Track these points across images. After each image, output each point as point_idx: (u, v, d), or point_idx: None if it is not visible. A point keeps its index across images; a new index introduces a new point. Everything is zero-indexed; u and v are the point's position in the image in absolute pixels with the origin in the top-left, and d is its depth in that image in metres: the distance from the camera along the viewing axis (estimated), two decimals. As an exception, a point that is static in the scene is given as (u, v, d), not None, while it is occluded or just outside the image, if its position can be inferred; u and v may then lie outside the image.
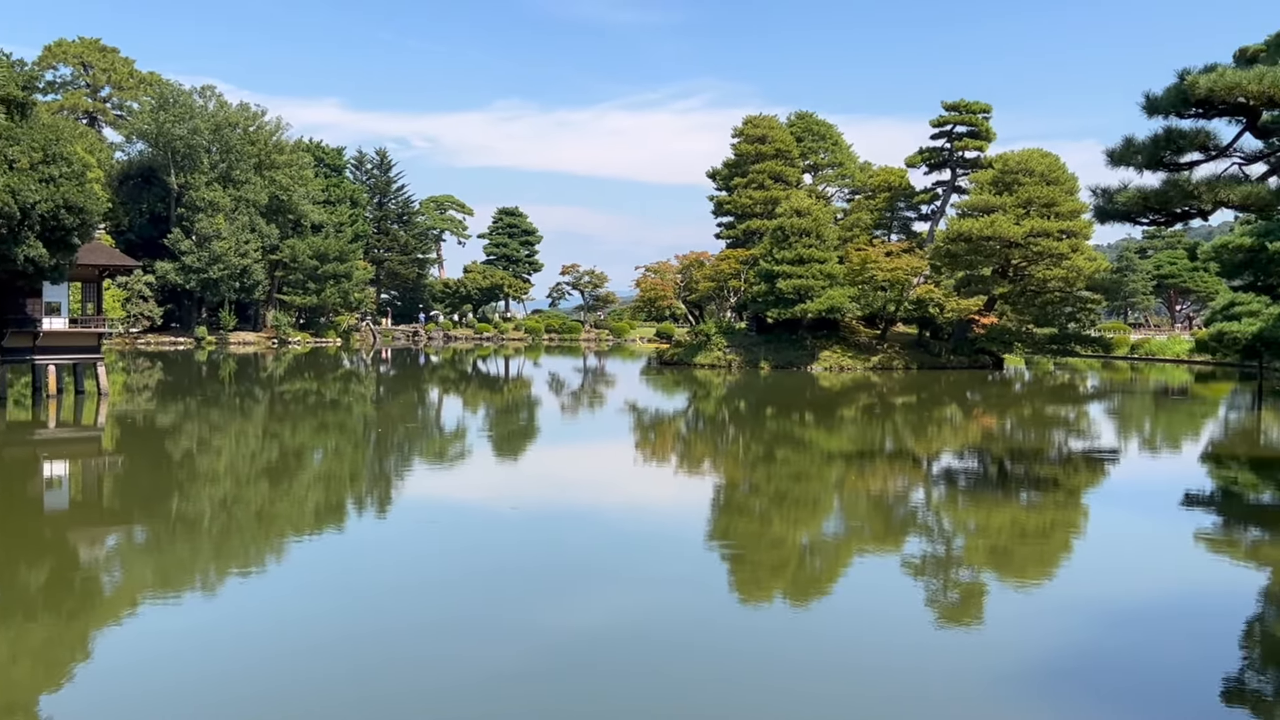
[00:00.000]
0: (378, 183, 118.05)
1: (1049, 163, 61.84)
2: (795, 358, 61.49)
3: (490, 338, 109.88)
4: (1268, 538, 17.27)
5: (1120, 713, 9.15)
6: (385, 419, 35.40)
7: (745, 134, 72.70)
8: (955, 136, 69.12)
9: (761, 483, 22.45)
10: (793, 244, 61.06)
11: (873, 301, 63.18)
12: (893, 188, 71.81)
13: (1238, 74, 18.09)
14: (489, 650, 10.61)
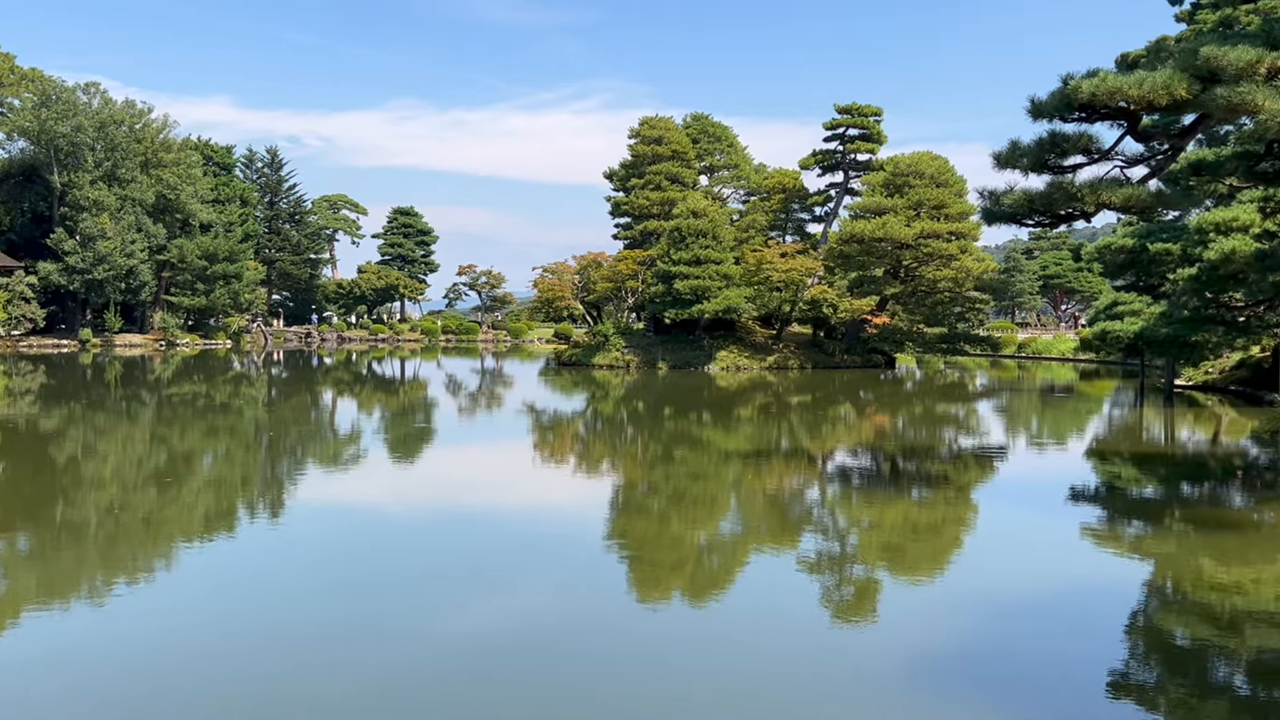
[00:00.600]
0: (269, 182, 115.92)
1: (938, 165, 63.08)
2: (693, 358, 61.83)
3: (385, 339, 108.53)
4: (1149, 531, 17.80)
5: (1009, 702, 9.34)
6: (277, 422, 34.78)
7: (642, 135, 72.88)
8: (847, 139, 70.11)
9: (660, 482, 22.52)
10: (689, 245, 61.38)
11: (768, 302, 63.80)
12: (787, 189, 72.59)
13: (1119, 79, 18.59)
14: (383, 658, 10.47)
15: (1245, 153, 22.69)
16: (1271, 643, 11.39)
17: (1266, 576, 14.15)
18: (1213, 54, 17.63)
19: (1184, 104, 18.70)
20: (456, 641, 11.06)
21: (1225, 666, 10.74)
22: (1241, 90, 17.19)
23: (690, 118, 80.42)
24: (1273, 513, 18.82)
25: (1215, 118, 19.87)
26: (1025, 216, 21.32)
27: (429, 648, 10.82)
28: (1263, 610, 12.55)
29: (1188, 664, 10.86)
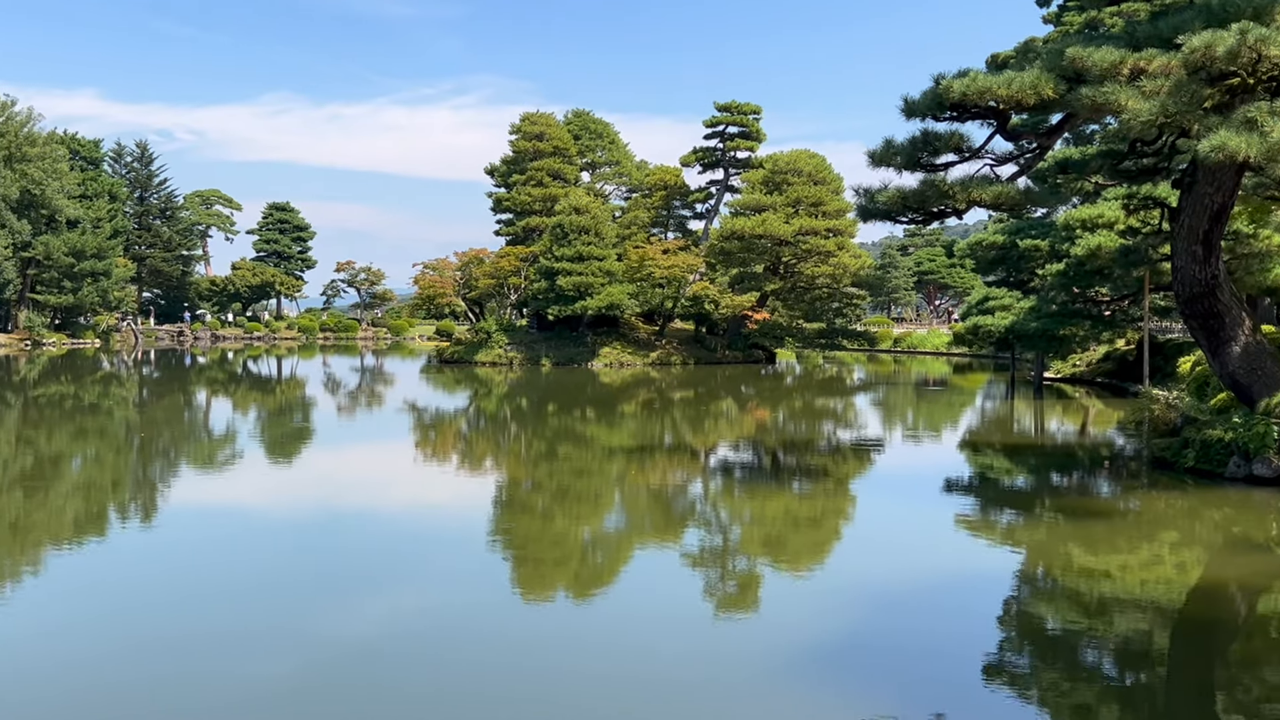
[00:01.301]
0: (139, 177, 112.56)
1: (816, 163, 63.97)
2: (576, 354, 61.76)
3: (262, 337, 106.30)
4: (1021, 520, 18.27)
5: (888, 692, 9.50)
6: (149, 423, 33.82)
7: (523, 131, 72.56)
8: (727, 137, 70.68)
9: (544, 479, 22.43)
10: (572, 241, 61.30)
11: (651, 299, 64.04)
12: (669, 186, 72.92)
13: (989, 79, 19.03)
14: (262, 664, 10.24)
15: (1110, 151, 23.40)
16: (1137, 626, 11.78)
17: (1132, 563, 14.62)
18: (1078, 55, 18.15)
19: (1051, 103, 19.22)
20: (337, 646, 10.84)
21: (1094, 651, 11.06)
22: (1105, 90, 17.72)
23: (571, 114, 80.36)
24: (1137, 500, 19.47)
25: (1081, 117, 20.49)
26: (899, 213, 21.71)
27: (308, 652, 10.59)
28: (1128, 595, 12.97)
29: (1058, 649, 11.16)
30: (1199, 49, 16.98)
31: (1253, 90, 18.05)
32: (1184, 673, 10.55)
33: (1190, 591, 13.50)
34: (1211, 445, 20.41)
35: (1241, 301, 22.07)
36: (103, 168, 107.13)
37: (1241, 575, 14.02)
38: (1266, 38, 16.53)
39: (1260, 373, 20.79)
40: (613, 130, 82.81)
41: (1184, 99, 17.36)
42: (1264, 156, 16.55)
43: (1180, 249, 20.82)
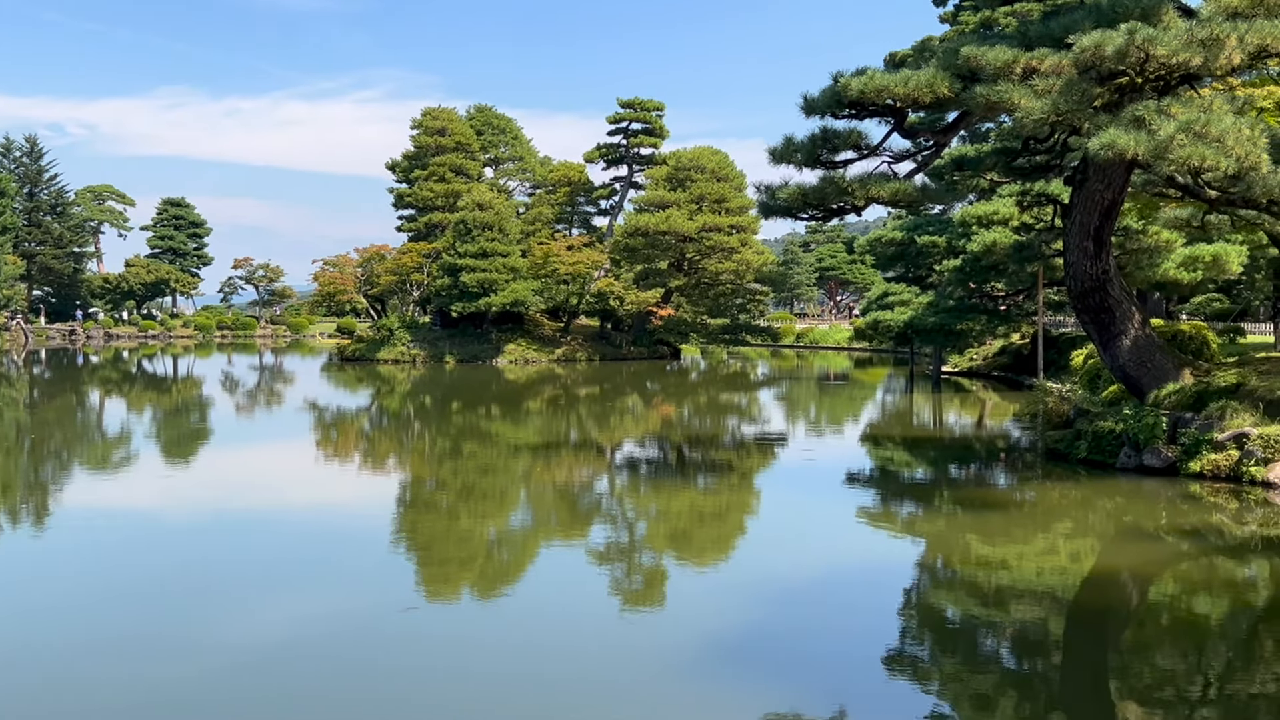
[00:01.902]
0: (28, 172, 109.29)
1: (719, 160, 64.36)
2: (481, 351, 61.33)
3: (157, 336, 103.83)
4: (921, 512, 18.53)
5: (793, 684, 9.54)
6: (39, 424, 32.83)
7: (425, 126, 71.81)
8: (631, 133, 70.72)
9: (449, 478, 22.22)
10: (475, 237, 60.83)
11: (556, 295, 63.81)
12: (573, 183, 72.76)
13: (886, 77, 19.26)
14: (159, 671, 9.96)
15: (1004, 149, 23.84)
16: (1033, 614, 11.99)
17: (1028, 552, 14.90)
18: (973, 54, 18.44)
19: (947, 102, 19.51)
20: (235, 652, 10.59)
21: (992, 639, 11.25)
22: (999, 89, 18.04)
23: (474, 109, 79.71)
24: (1032, 491, 19.85)
25: (976, 115, 20.83)
26: (800, 210, 21.89)
27: (206, 658, 10.32)
28: (1025, 584, 13.20)
29: (958, 638, 11.32)
30: (1089, 48, 17.36)
31: (1141, 89, 18.51)
32: (1078, 659, 10.75)
33: (1084, 580, 13.79)
34: (1103, 437, 20.88)
35: (1131, 296, 22.64)
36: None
37: (1133, 563, 14.36)
38: (1154, 38, 16.95)
39: (1150, 365, 21.34)
40: (516, 126, 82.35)
41: (1075, 97, 17.73)
42: (1152, 154, 16.97)
43: (1072, 245, 21.27)
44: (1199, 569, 13.99)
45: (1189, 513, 17.10)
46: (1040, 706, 9.31)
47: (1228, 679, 9.84)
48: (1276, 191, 17.48)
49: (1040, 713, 9.18)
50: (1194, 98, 19.06)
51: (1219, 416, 19.44)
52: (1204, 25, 17.33)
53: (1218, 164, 16.69)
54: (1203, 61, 17.15)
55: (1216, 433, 19.06)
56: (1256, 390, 19.71)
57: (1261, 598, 12.96)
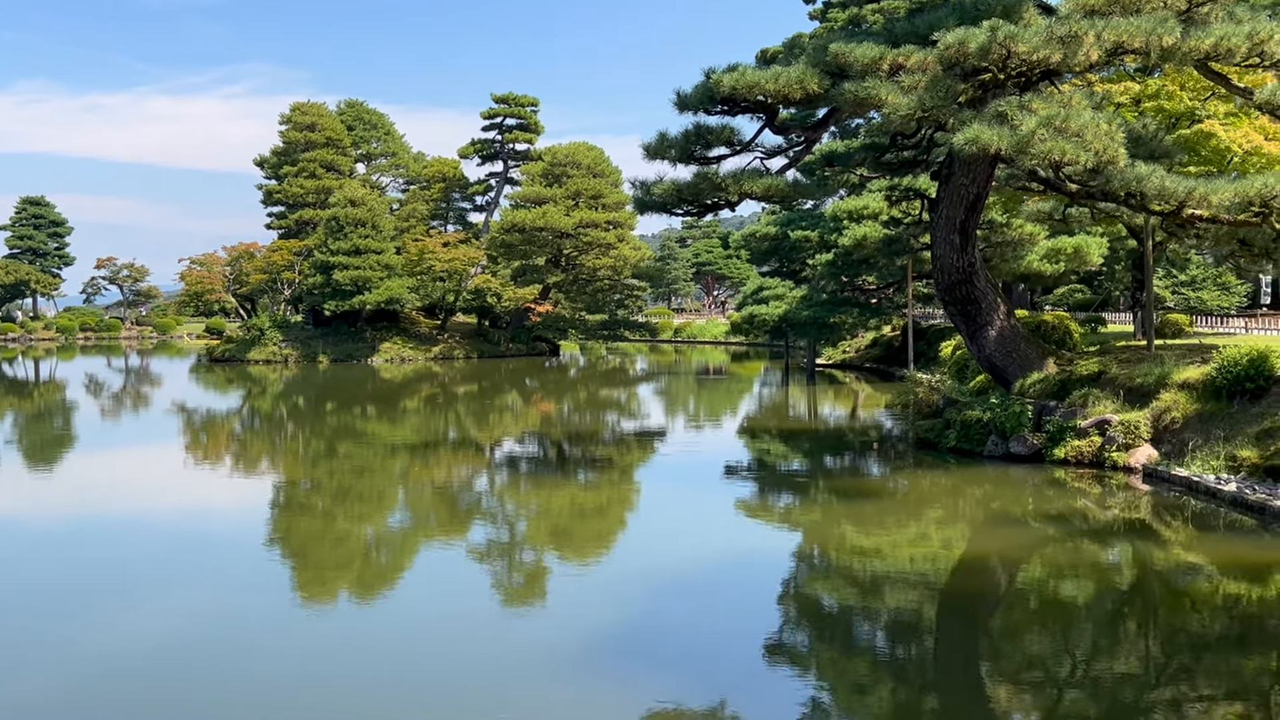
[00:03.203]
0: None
1: (594, 156, 64.39)
2: (355, 350, 60.39)
3: (16, 339, 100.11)
4: (797, 503, 18.76)
5: (675, 677, 9.55)
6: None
7: (294, 121, 70.42)
8: (506, 129, 70.33)
9: (323, 479, 21.79)
10: (348, 234, 59.84)
11: (432, 292, 63.13)
12: (447, 178, 72.09)
13: (757, 73, 19.43)
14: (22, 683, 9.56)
15: (872, 145, 24.26)
16: (907, 600, 12.20)
17: (901, 539, 15.17)
18: (841, 50, 18.71)
19: (816, 98, 19.78)
20: (104, 659, 10.22)
21: (867, 626, 11.42)
22: (867, 85, 18.34)
23: (345, 104, 78.40)
24: (904, 480, 20.23)
25: (845, 111, 21.15)
26: (675, 206, 21.97)
27: (75, 666, 9.94)
28: (898, 571, 13.43)
29: (835, 626, 11.48)
30: (953, 45, 17.75)
31: (1004, 85, 18.99)
32: (951, 643, 10.98)
33: (954, 566, 14.09)
34: (971, 426, 21.37)
35: (997, 288, 23.22)
36: None
37: (1001, 548, 14.72)
38: (1015, 35, 17.39)
39: (1015, 355, 21.91)
40: (388, 121, 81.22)
41: (940, 94, 18.11)
42: (1014, 149, 17.41)
43: (939, 238, 21.73)
44: (1064, 552, 14.40)
45: (1054, 498, 17.59)
46: (914, 690, 9.48)
47: (1093, 657, 10.13)
48: (1134, 184, 18.08)
49: (914, 696, 9.34)
50: (1054, 94, 19.63)
51: (1082, 404, 20.05)
52: (1063, 23, 17.84)
53: (1077, 158, 17.19)
54: (1062, 58, 17.64)
55: (1080, 420, 19.65)
56: (1117, 378, 20.38)
57: (1124, 578, 13.41)
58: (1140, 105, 27.65)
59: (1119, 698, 9.07)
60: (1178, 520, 15.86)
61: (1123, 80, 28.66)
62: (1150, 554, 14.23)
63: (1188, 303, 45.39)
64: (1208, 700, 8.84)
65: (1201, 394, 18.60)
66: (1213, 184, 18.30)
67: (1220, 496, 16.05)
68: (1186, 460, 17.65)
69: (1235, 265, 42.44)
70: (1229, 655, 10.08)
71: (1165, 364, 20.05)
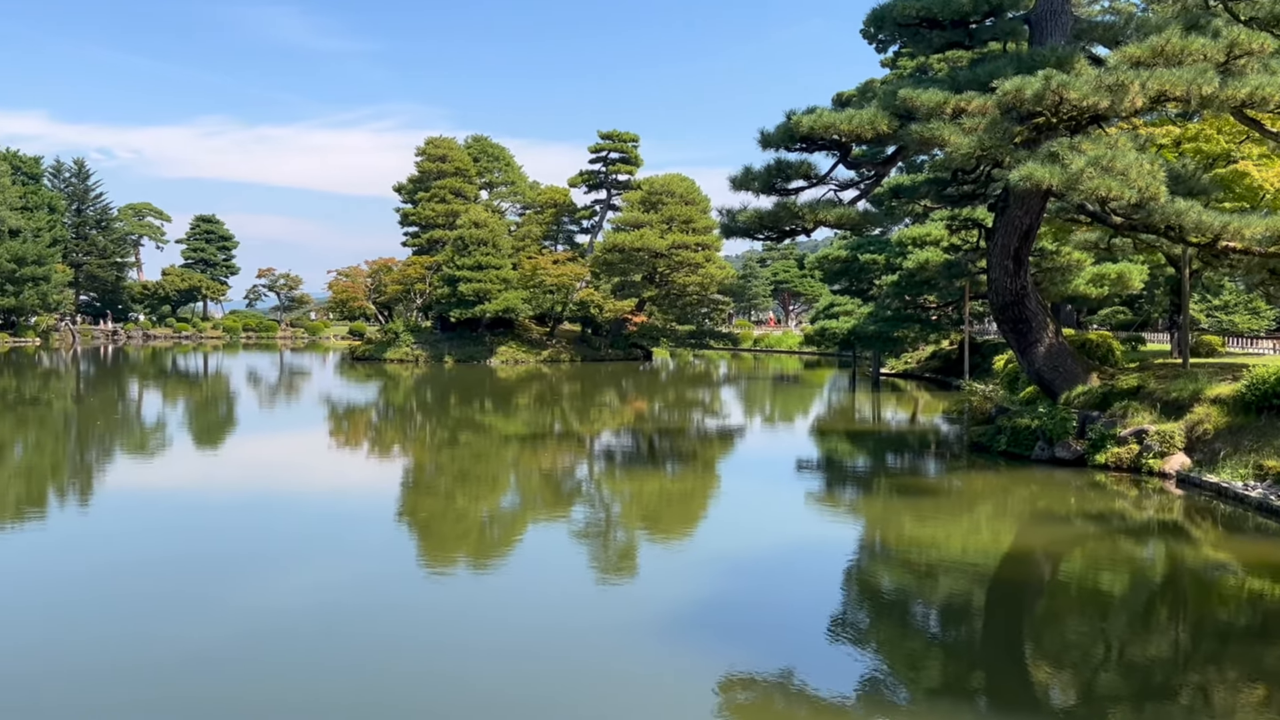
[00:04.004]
0: (76, 190, 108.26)
1: (686, 186, 64.35)
2: (476, 353, 61.09)
3: (189, 336, 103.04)
4: (861, 496, 18.56)
5: (746, 646, 9.51)
6: (86, 414, 32.48)
7: (428, 153, 71.52)
8: (610, 161, 70.60)
9: (446, 463, 22.10)
10: (472, 252, 60.61)
11: (542, 303, 63.62)
12: (558, 204, 72.59)
13: (833, 115, 19.29)
14: (193, 631, 9.86)
15: (936, 179, 23.92)
16: (959, 586, 12.02)
17: (954, 531, 14.93)
18: (909, 95, 18.48)
19: (886, 137, 19.57)
20: (257, 617, 10.51)
21: (922, 608, 11.27)
22: (932, 126, 18.10)
23: (471, 139, 79.40)
24: (959, 479, 19.90)
25: (911, 149, 20.89)
26: (757, 231, 21.91)
27: (237, 623, 10.23)
28: (952, 560, 13.23)
29: (893, 607, 11.34)
30: (1011, 92, 17.43)
31: (1056, 128, 18.61)
32: (997, 624, 10.79)
33: (1003, 557, 13.83)
34: (1021, 432, 20.96)
35: (1046, 309, 22.76)
36: (42, 182, 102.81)
37: (1045, 542, 14.42)
38: (1067, 83, 17.04)
39: (1062, 370, 21.45)
40: (509, 154, 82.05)
41: (998, 135, 17.81)
42: (1064, 185, 17.06)
43: (995, 263, 21.36)
44: (1103, 547, 14.06)
45: (1095, 499, 17.18)
46: (963, 665, 9.33)
47: (1127, 642, 9.88)
48: (1173, 218, 17.62)
49: (963, 671, 9.19)
50: (1102, 135, 19.20)
51: (1122, 415, 19.56)
52: (1111, 72, 17.44)
53: (1122, 194, 16.80)
54: (1110, 104, 17.25)
55: (1120, 429, 19.18)
56: (1155, 392, 19.84)
57: (1157, 572, 13.05)
58: (1180, 146, 26.91)
59: (1151, 679, 8.84)
60: (1207, 522, 15.39)
61: (1164, 124, 27.93)
62: (1181, 551, 13.84)
63: (1220, 325, 44.01)
64: (1232, 684, 8.58)
65: (1232, 408, 18.02)
66: (1246, 219, 17.77)
67: (1247, 501, 15.55)
68: (1217, 468, 17.13)
69: (1265, 292, 40.94)
70: (1252, 643, 9.78)
71: (1199, 380, 19.48)
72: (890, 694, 8.58)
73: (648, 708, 8.26)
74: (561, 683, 8.71)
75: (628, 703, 8.37)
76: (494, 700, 8.33)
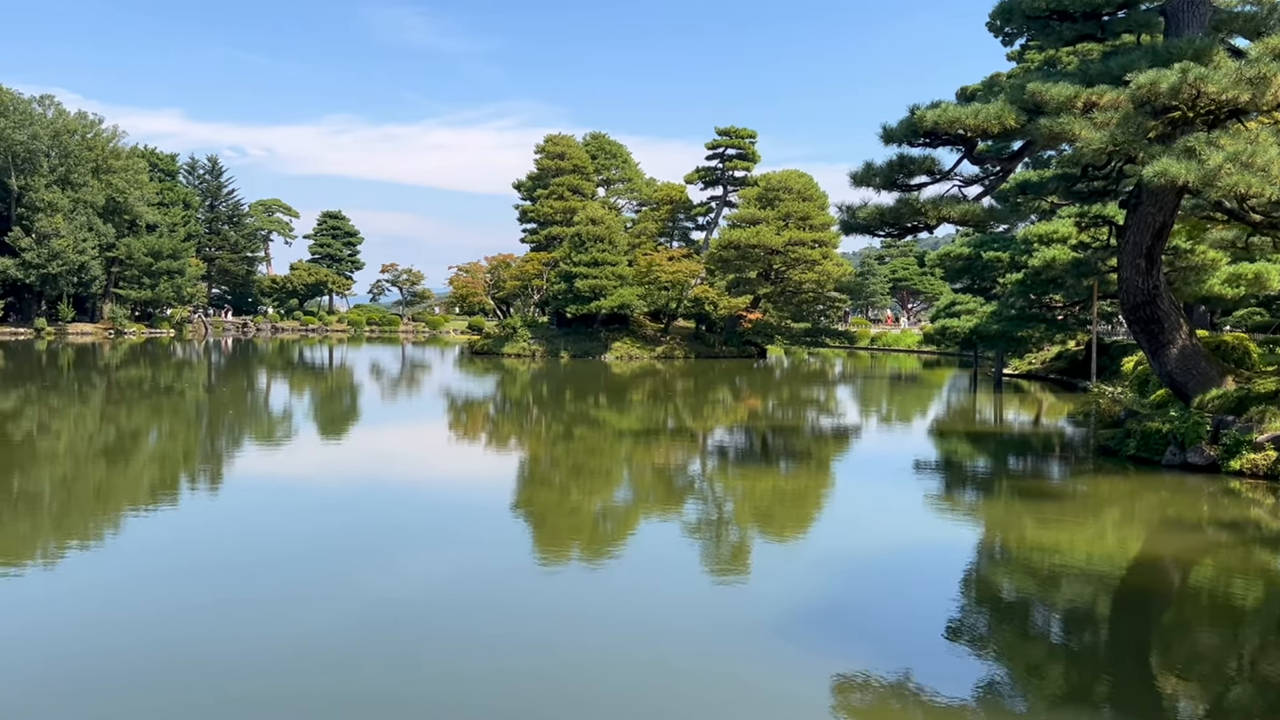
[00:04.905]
0: (209, 187, 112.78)
1: (804, 182, 63.88)
2: (591, 348, 61.73)
3: (315, 329, 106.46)
4: (981, 498, 18.23)
5: (860, 648, 9.47)
6: (217, 402, 33.86)
7: (546, 151, 72.53)
8: (726, 158, 70.57)
9: (561, 457, 22.42)
10: (588, 249, 61.25)
11: (657, 300, 63.96)
12: (674, 201, 72.83)
13: (958, 110, 18.96)
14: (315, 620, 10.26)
15: (1064, 175, 23.30)
16: (1083, 593, 11.74)
17: (1079, 538, 14.57)
18: (1038, 89, 18.07)
19: (1013, 132, 19.15)
20: (367, 607, 10.88)
21: (1043, 614, 11.04)
22: (1062, 121, 17.65)
23: (589, 136, 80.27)
24: (1084, 484, 19.39)
25: (1039, 144, 20.40)
26: (877, 228, 21.64)
27: (357, 608, 10.61)
28: (1075, 566, 12.93)
29: (1013, 613, 11.14)
30: (1145, 85, 16.90)
31: (1192, 122, 17.97)
32: (1123, 635, 10.51)
33: (1130, 564, 13.45)
34: (1151, 436, 20.32)
35: (1179, 309, 21.98)
36: (178, 179, 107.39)
37: (1175, 551, 13.97)
38: (1205, 76, 16.45)
39: (1195, 372, 20.71)
40: (626, 151, 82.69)
41: (1131, 130, 17.28)
42: (1201, 181, 16.47)
43: (1125, 262, 20.73)
44: (1236, 557, 13.56)
45: (1229, 506, 16.57)
46: (1087, 674, 9.13)
47: (1260, 656, 9.54)
48: (1318, 216, 16.86)
49: (1086, 679, 8.99)
50: (1241, 130, 18.44)
51: (1258, 420, 18.80)
52: (1252, 65, 16.77)
53: (1262, 191, 16.14)
54: (1250, 98, 16.60)
55: (1256, 434, 18.44)
56: (1295, 397, 19.03)
57: (1295, 586, 12.54)
58: (1329, 140, 25.64)
59: (1287, 697, 8.53)
60: (1353, 535, 14.71)
61: (1311, 117, 26.64)
62: (1324, 565, 13.26)
63: (1370, 328, 41.73)
64: (1377, 706, 8.22)
65: (1382, 416, 17.19)
66: (1401, 216, 16.89)
67: (1398, 514, 14.81)
68: (1365, 478, 16.35)
69: None
70: (1401, 665, 9.33)
71: (1346, 386, 18.61)
72: (1010, 702, 8.45)
73: (760, 709, 8.28)
74: (672, 682, 8.78)
75: (741, 703, 8.39)
76: (601, 700, 8.45)
